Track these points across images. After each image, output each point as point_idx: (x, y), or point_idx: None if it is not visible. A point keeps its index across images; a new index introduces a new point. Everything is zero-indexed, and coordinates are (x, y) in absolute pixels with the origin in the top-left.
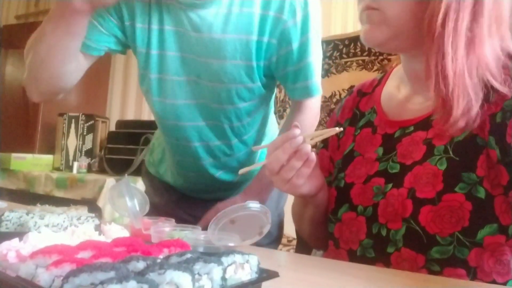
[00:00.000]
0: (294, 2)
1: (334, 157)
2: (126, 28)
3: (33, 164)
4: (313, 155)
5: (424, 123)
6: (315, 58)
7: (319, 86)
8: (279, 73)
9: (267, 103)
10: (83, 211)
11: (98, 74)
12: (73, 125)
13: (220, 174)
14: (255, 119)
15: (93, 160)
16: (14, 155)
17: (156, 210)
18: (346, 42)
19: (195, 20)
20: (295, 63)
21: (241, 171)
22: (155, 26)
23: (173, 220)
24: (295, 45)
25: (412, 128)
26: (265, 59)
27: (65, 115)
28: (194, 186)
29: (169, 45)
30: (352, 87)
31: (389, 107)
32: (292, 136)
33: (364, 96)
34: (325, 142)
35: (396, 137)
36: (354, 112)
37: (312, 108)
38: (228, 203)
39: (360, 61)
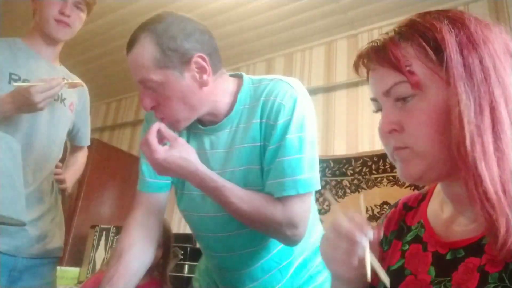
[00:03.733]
0: (280, 106)
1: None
2: None
3: (60, 277)
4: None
5: (475, 247)
6: (305, 155)
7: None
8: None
9: None
10: None
11: (133, 187)
12: (103, 237)
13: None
14: None
15: None
16: None
17: None
18: (375, 159)
19: (213, 140)
20: (270, 163)
21: None
22: None
23: None
24: (272, 147)
25: (463, 253)
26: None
27: (96, 227)
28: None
29: None
30: (384, 202)
31: (436, 225)
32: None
33: (410, 210)
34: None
35: (450, 261)
36: (401, 226)
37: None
38: None
39: (391, 177)
